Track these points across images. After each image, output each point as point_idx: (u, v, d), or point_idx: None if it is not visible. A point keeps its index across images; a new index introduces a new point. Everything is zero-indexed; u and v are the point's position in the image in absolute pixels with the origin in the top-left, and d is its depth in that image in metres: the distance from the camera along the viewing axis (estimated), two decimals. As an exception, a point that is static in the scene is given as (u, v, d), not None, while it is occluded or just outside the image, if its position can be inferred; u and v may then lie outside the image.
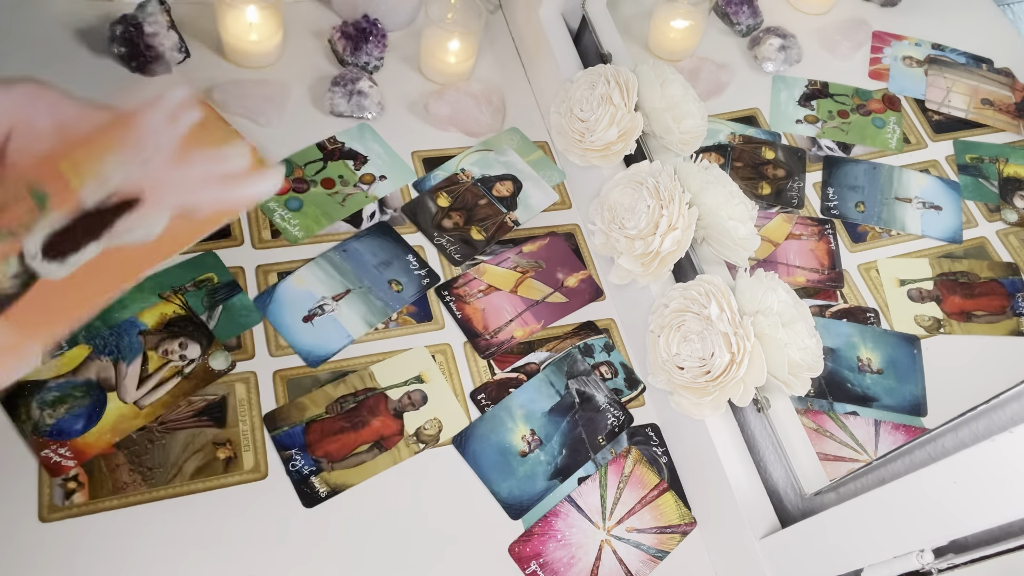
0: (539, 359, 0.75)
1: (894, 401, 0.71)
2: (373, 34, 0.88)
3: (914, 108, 0.95)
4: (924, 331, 0.75)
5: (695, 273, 0.73)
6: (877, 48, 1.00)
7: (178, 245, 0.40)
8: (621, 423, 0.73)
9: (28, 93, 0.40)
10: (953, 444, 0.49)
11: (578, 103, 0.80)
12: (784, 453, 0.64)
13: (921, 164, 0.90)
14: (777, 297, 0.64)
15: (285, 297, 0.72)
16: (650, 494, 0.70)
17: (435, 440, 0.68)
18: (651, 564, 0.67)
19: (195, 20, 0.88)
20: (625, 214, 0.73)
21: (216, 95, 0.83)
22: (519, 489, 0.68)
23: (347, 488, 0.64)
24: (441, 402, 0.70)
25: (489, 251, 0.80)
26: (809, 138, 0.91)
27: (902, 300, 0.77)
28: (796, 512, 0.64)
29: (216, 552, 0.60)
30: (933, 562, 0.46)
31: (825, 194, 0.86)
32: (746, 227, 0.70)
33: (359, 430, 0.67)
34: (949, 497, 0.44)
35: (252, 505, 0.62)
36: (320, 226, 0.77)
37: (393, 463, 0.66)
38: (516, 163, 0.87)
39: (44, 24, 0.83)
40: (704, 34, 0.95)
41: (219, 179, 0.41)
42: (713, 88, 0.94)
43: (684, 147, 0.78)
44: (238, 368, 0.68)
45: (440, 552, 0.64)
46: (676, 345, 0.67)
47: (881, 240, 0.82)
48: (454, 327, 0.75)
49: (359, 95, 0.84)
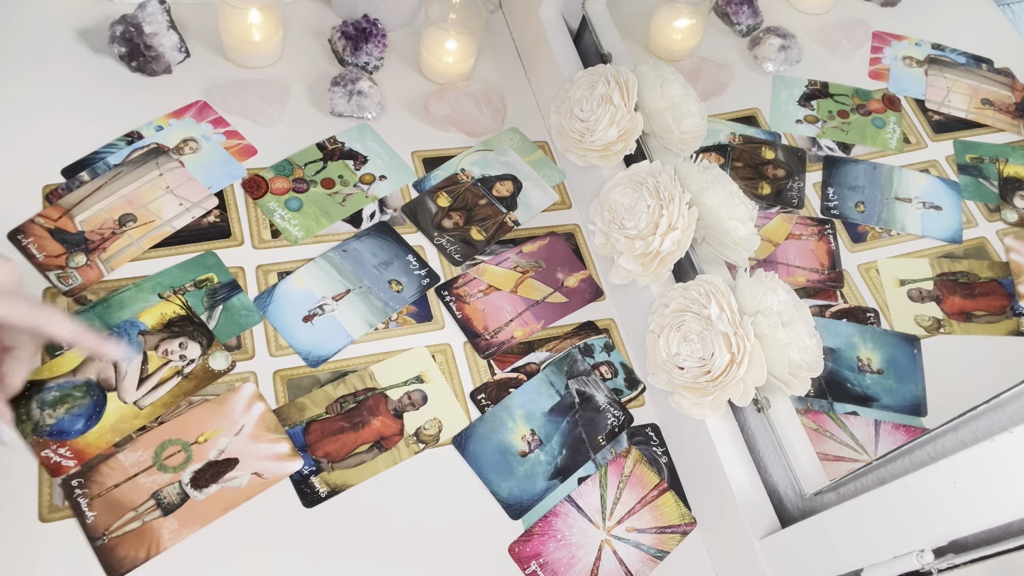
0: (539, 359, 0.75)
1: (894, 401, 0.71)
2: (373, 34, 0.88)
3: (914, 108, 0.95)
4: (924, 331, 0.75)
5: (695, 273, 0.73)
6: (877, 48, 1.00)
7: (252, 494, 0.62)
8: (621, 423, 0.73)
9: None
10: (953, 444, 0.49)
11: (578, 103, 0.80)
12: (784, 453, 0.64)
13: (921, 164, 0.89)
14: (777, 297, 0.64)
15: (285, 297, 0.72)
16: (650, 494, 0.70)
17: (435, 440, 0.68)
18: (651, 564, 0.67)
19: (195, 20, 0.88)
20: (625, 214, 0.73)
21: (216, 95, 0.83)
22: (519, 489, 0.68)
23: (347, 488, 0.64)
24: (441, 402, 0.70)
25: (489, 251, 0.80)
26: (809, 138, 0.91)
27: (902, 300, 0.77)
28: (796, 512, 0.64)
29: (216, 552, 0.60)
30: (933, 562, 0.46)
31: (825, 194, 0.86)
32: (746, 227, 0.70)
33: (359, 430, 0.67)
34: (949, 497, 0.44)
35: (252, 505, 0.62)
36: (320, 226, 0.77)
37: (393, 463, 0.66)
38: (516, 163, 0.87)
39: (44, 24, 0.83)
40: (704, 34, 0.95)
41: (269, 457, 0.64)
42: (713, 88, 0.93)
43: (684, 147, 0.78)
44: (238, 368, 0.68)
45: (440, 552, 0.64)
46: (676, 345, 0.67)
47: (881, 240, 0.82)
48: (454, 327, 0.75)
49: (359, 95, 0.84)
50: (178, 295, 0.69)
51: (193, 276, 0.71)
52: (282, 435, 0.65)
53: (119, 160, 0.76)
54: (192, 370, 0.66)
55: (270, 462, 0.64)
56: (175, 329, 0.68)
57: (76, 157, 0.75)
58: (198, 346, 0.67)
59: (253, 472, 0.63)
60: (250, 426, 0.64)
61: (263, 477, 0.63)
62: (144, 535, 0.58)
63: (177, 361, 0.66)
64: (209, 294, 0.70)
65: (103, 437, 0.62)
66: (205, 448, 0.63)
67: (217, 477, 0.62)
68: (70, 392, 0.62)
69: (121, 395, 0.64)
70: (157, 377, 0.65)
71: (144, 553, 0.58)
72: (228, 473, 0.62)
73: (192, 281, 0.71)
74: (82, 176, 0.74)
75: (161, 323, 0.68)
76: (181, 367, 0.66)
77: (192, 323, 0.68)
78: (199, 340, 0.68)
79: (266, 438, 0.64)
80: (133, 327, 0.67)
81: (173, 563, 0.59)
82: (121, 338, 0.66)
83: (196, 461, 0.62)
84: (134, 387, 0.64)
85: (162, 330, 0.68)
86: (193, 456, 0.62)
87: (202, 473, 0.62)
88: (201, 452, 0.63)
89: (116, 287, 0.69)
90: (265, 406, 0.66)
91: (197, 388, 0.66)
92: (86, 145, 0.76)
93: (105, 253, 0.70)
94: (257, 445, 0.64)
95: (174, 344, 0.67)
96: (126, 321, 0.67)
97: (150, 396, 0.64)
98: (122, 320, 0.67)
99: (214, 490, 0.61)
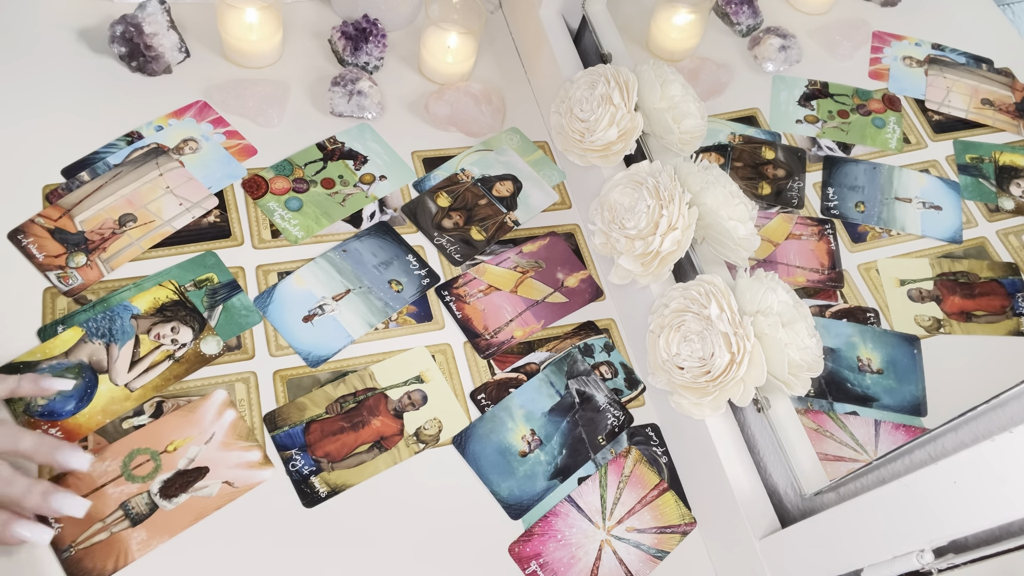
0: (539, 359, 0.75)
1: (894, 401, 0.71)
2: (373, 34, 0.87)
3: (914, 108, 0.95)
4: (924, 331, 0.75)
5: (695, 273, 0.73)
6: (877, 48, 1.00)
7: (222, 503, 0.61)
8: (621, 423, 0.73)
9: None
10: (953, 444, 0.49)
11: (578, 103, 0.80)
12: (784, 453, 0.64)
13: (921, 164, 0.89)
14: (777, 297, 0.64)
15: (285, 297, 0.72)
16: (650, 494, 0.70)
17: (435, 440, 0.68)
18: (651, 564, 0.67)
19: (195, 20, 0.88)
20: (625, 214, 0.73)
21: (216, 95, 0.83)
22: (519, 489, 0.68)
23: (347, 488, 0.64)
24: (441, 402, 0.70)
25: (489, 251, 0.80)
26: (809, 138, 0.91)
27: (902, 300, 0.77)
28: (796, 512, 0.64)
29: (217, 552, 0.60)
30: (933, 562, 0.46)
31: (825, 194, 0.86)
32: (746, 227, 0.70)
33: (359, 430, 0.67)
34: (949, 497, 0.44)
35: (252, 505, 0.62)
36: (320, 226, 0.77)
37: (393, 463, 0.66)
38: (516, 163, 0.87)
39: (45, 24, 0.83)
40: (704, 34, 0.95)
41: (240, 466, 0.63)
42: (713, 88, 0.93)
43: (684, 147, 0.78)
44: (238, 368, 0.68)
45: (440, 552, 0.64)
46: (676, 345, 0.67)
47: (881, 240, 0.82)
48: (454, 327, 0.75)
49: (359, 95, 0.84)
50: (172, 280, 0.70)
51: (193, 276, 0.71)
52: (253, 443, 0.64)
53: (119, 160, 0.76)
54: (184, 354, 0.67)
55: (241, 471, 0.63)
56: (167, 313, 0.68)
57: (76, 157, 0.75)
58: (190, 330, 0.68)
59: (224, 481, 0.62)
60: (220, 434, 0.64)
61: (234, 486, 0.62)
62: (112, 546, 0.58)
63: (169, 345, 0.67)
64: (209, 294, 0.70)
65: (93, 419, 0.62)
66: (175, 457, 0.62)
67: (187, 486, 0.61)
68: (62, 373, 0.63)
69: (112, 377, 0.64)
70: (149, 360, 0.66)
71: (112, 564, 0.57)
72: (198, 482, 0.61)
73: (192, 281, 0.71)
74: (82, 176, 0.74)
75: (154, 307, 0.68)
76: (173, 351, 0.67)
77: (184, 308, 0.69)
78: (191, 325, 0.68)
79: (237, 446, 0.64)
80: (126, 311, 0.67)
81: (141, 574, 0.58)
82: (114, 321, 0.66)
83: (165, 470, 0.61)
84: (125, 370, 0.65)
85: (155, 314, 0.68)
86: (162, 465, 0.62)
87: (171, 483, 0.61)
88: (171, 461, 0.62)
89: (116, 287, 0.69)
90: (236, 414, 0.65)
91: (188, 372, 0.66)
92: (86, 145, 0.76)
93: (105, 253, 0.70)
94: (228, 453, 0.63)
95: (166, 328, 0.67)
96: (119, 305, 0.67)
97: (141, 379, 0.65)
98: (115, 304, 0.67)
99: (184, 500, 0.61)
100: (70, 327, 0.65)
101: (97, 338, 0.65)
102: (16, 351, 0.64)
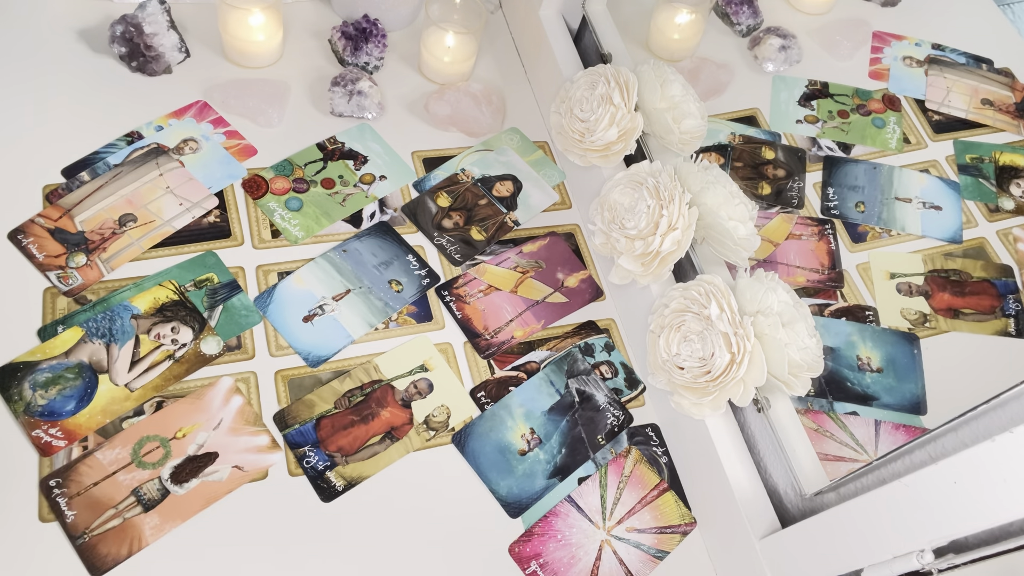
0: (539, 358, 0.75)
1: (894, 400, 0.71)
2: (373, 34, 0.87)
3: (914, 108, 0.95)
4: (909, 324, 0.75)
5: (695, 273, 0.73)
6: (877, 48, 1.00)
7: (233, 487, 0.63)
8: (621, 423, 0.73)
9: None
10: (953, 444, 0.49)
11: (578, 103, 0.80)
12: (784, 453, 0.64)
13: (921, 164, 0.89)
14: (777, 297, 0.64)
15: (285, 297, 0.72)
16: (650, 494, 0.70)
17: (445, 427, 0.69)
18: (651, 564, 0.67)
19: (195, 20, 0.88)
20: (625, 214, 0.73)
21: (216, 95, 0.83)
22: (518, 488, 0.68)
23: (363, 480, 0.65)
24: (447, 389, 0.70)
25: (489, 251, 0.80)
26: (809, 138, 0.91)
27: (890, 293, 0.77)
28: (796, 512, 0.64)
29: (223, 552, 0.60)
30: (933, 562, 0.46)
31: (825, 194, 0.86)
32: (746, 227, 0.70)
33: (369, 422, 0.67)
34: (949, 497, 0.44)
35: (269, 503, 0.62)
36: (320, 226, 0.77)
37: (406, 452, 0.67)
38: (516, 163, 0.87)
39: (44, 24, 0.83)
40: (704, 34, 0.95)
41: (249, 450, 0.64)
42: (713, 88, 0.93)
43: (684, 147, 0.78)
44: (238, 368, 0.68)
45: (440, 552, 0.64)
46: (676, 345, 0.67)
47: (881, 240, 0.82)
48: (454, 327, 0.75)
49: (359, 95, 0.84)
50: (172, 281, 0.70)
51: (193, 276, 0.71)
52: (261, 427, 0.65)
53: (119, 160, 0.76)
54: (184, 354, 0.67)
55: (250, 455, 0.64)
56: (167, 313, 0.68)
57: (76, 157, 0.75)
58: (190, 330, 0.68)
59: (233, 465, 0.63)
60: (228, 420, 0.65)
61: (244, 470, 0.63)
62: (125, 532, 0.59)
63: (169, 345, 0.67)
64: (209, 294, 0.70)
65: (94, 418, 0.62)
66: (184, 443, 0.63)
67: (197, 472, 0.62)
68: (62, 374, 0.63)
69: (113, 378, 0.64)
70: (149, 360, 0.66)
71: (127, 550, 0.58)
72: (208, 467, 0.62)
73: (192, 281, 0.71)
74: (82, 176, 0.74)
75: (154, 307, 0.68)
76: (173, 351, 0.67)
77: (184, 308, 0.69)
78: (191, 325, 0.68)
79: (245, 431, 0.65)
80: (126, 311, 0.67)
81: (156, 558, 0.59)
82: (114, 321, 0.66)
83: (175, 456, 0.62)
84: (126, 370, 0.65)
85: (155, 314, 0.68)
86: (172, 452, 0.63)
87: (182, 468, 0.62)
88: (180, 447, 0.63)
89: (116, 287, 0.69)
90: (243, 399, 0.66)
91: (188, 372, 0.66)
92: (86, 145, 0.76)
93: (105, 253, 0.70)
94: (236, 438, 0.64)
95: (166, 328, 0.67)
96: (119, 305, 0.67)
97: (141, 379, 0.65)
98: (115, 304, 0.67)
99: (195, 484, 0.62)
100: (70, 327, 0.65)
101: (97, 338, 0.65)
102: (16, 351, 0.64)
